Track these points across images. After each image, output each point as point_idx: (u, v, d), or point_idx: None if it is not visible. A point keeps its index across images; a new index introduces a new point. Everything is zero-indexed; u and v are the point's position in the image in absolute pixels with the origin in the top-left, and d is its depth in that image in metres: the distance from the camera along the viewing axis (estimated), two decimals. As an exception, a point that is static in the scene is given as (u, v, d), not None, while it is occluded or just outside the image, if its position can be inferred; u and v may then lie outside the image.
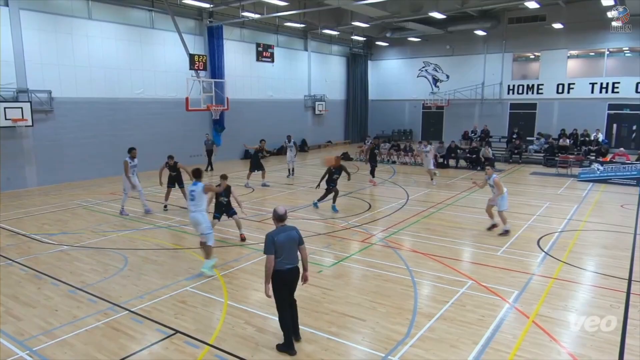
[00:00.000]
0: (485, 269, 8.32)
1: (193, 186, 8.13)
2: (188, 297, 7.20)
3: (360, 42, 33.05)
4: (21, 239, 10.37)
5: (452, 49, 30.80)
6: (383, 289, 7.42)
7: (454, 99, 30.81)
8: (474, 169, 20.74)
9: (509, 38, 28.37)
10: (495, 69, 29.20)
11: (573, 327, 6.19)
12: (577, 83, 26.71)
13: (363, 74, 33.84)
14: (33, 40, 16.22)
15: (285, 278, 5.48)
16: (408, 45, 32.40)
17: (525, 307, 6.74)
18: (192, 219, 8.27)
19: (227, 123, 23.14)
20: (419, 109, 32.74)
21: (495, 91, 29.32)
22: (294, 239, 5.59)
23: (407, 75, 33.15)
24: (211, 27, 22.08)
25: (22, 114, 15.48)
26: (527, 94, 28.43)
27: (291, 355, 5.53)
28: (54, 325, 6.28)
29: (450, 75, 31.19)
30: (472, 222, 11.71)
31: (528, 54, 29.17)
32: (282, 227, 5.60)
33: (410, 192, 15.31)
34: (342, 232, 10.83)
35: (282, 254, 5.42)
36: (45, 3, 16.49)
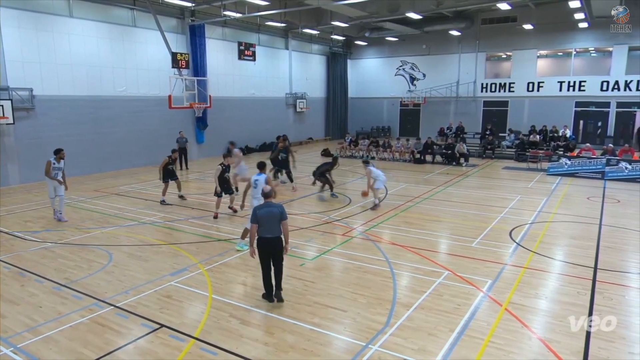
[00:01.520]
0: (460, 259, 8.44)
1: (258, 176, 8.95)
2: (173, 291, 7.12)
3: (339, 42, 33.03)
4: (4, 237, 10.10)
5: (428, 48, 30.98)
6: (363, 281, 7.46)
7: (430, 96, 31.04)
8: (449, 164, 20.98)
9: (482, 38, 28.71)
10: (469, 68, 29.50)
11: (543, 313, 6.34)
12: (546, 82, 27.21)
13: (343, 72, 33.83)
14: (13, 38, 15.74)
15: (266, 243, 6.49)
16: (386, 44, 32.49)
17: (498, 295, 6.86)
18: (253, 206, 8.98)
19: (210, 121, 22.92)
20: (396, 106, 32.88)
21: (469, 89, 29.65)
22: (275, 215, 6.49)
23: (385, 73, 33.24)
24: (193, 25, 21.77)
25: (2, 111, 15.03)
26: (500, 92, 28.83)
27: (270, 302, 6.66)
28: (38, 322, 6.14)
29: (427, 74, 31.39)
30: (448, 215, 11.86)
31: (500, 53, 29.57)
32: (267, 203, 6.62)
33: (389, 187, 15.41)
34: (324, 226, 10.85)
35: (262, 225, 6.44)
36: (25, 1, 15.99)
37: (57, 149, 11.36)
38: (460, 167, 20.23)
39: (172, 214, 12.08)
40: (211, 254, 8.89)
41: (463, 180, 17.19)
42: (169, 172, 13.17)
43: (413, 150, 22.05)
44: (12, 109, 15.32)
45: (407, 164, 21.56)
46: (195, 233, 10.34)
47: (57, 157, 11.14)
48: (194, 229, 10.71)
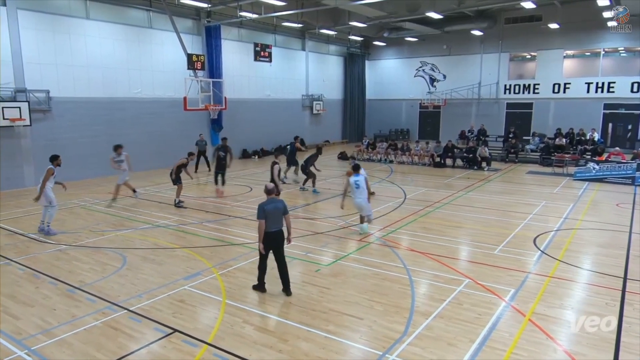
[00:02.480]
0: (482, 267, 8.33)
1: (357, 177, 9.88)
2: (186, 296, 7.19)
3: (357, 42, 33.04)
4: (19, 239, 10.34)
5: (449, 48, 30.79)
6: (380, 288, 7.42)
7: (450, 98, 30.81)
8: (470, 168, 20.77)
9: (505, 38, 28.40)
10: (491, 69, 29.21)
11: (569, 325, 6.21)
12: (572, 83, 26.76)
13: (360, 73, 33.81)
14: (31, 40, 16.16)
15: (271, 237, 7.01)
16: (405, 45, 32.38)
17: (521, 305, 6.75)
18: (357, 204, 10.05)
19: (225, 123, 23.11)
20: (416, 108, 32.72)
21: (491, 91, 29.34)
22: (279, 209, 7.10)
23: (404, 75, 33.12)
24: (209, 26, 22.04)
25: (20, 113, 15.42)
26: (524, 94, 28.44)
27: (262, 292, 7.22)
28: (52, 325, 6.26)
29: (447, 75, 31.18)
30: (469, 221, 11.73)
31: (524, 53, 29.22)
32: (270, 199, 7.13)
33: (408, 191, 15.32)
34: (340, 231, 10.83)
35: (269, 219, 6.95)
36: (43, 3, 16.42)
37: (55, 155, 10.64)
38: (482, 172, 20.02)
39: (186, 217, 12.22)
40: (225, 258, 8.94)
41: (485, 185, 17.00)
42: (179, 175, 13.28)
43: (433, 153, 21.89)
44: (29, 110, 15.71)
45: (426, 167, 21.41)
46: (209, 237, 10.43)
47: (55, 164, 10.49)
48: (208, 232, 10.80)
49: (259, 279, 7.32)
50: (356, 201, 10.09)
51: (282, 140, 27.08)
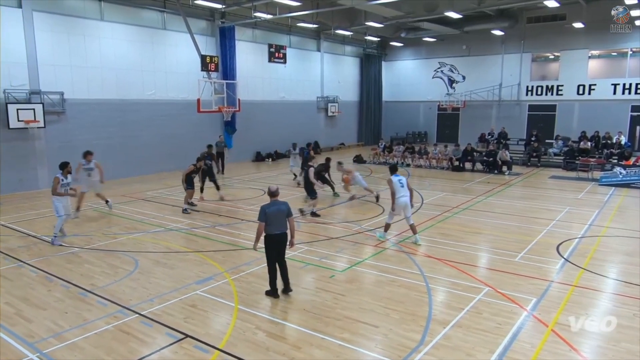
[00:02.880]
0: (502, 275, 8.23)
1: (398, 176, 10.07)
2: (198, 300, 7.24)
3: (374, 43, 33.02)
4: (32, 241, 10.54)
5: (468, 49, 30.60)
6: (397, 295, 7.38)
7: (470, 100, 30.59)
8: (490, 172, 20.55)
9: (527, 38, 28.10)
10: (513, 70, 28.93)
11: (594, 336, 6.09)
12: (598, 84, 26.34)
13: (377, 74, 33.77)
14: (46, 42, 16.51)
15: (275, 240, 7.15)
16: (423, 45, 32.26)
17: (544, 315, 6.64)
18: (404, 203, 10.00)
19: (239, 125, 23.29)
20: (434, 110, 32.56)
21: (513, 92, 29.04)
22: (282, 211, 7.20)
23: (422, 76, 32.98)
24: (223, 27, 22.26)
25: (34, 115, 15.76)
26: (547, 95, 28.10)
27: (275, 298, 7.25)
28: (64, 328, 6.36)
29: (467, 76, 30.98)
30: (489, 227, 11.60)
31: (547, 54, 28.88)
32: (274, 201, 7.27)
33: (425, 196, 15.22)
34: (355, 236, 10.81)
35: (272, 222, 7.07)
36: (58, 4, 16.78)
37: (65, 162, 10.40)
38: (503, 176, 19.81)
39: (199, 220, 12.32)
40: (237, 262, 8.99)
41: (505, 189, 16.81)
42: (190, 180, 13.31)
43: (451, 157, 21.74)
44: (43, 112, 16.04)
45: (444, 171, 21.26)
46: (222, 241, 10.50)
47: (64, 172, 10.23)
48: (221, 236, 10.87)
49: (271, 284, 7.35)
50: (403, 200, 9.99)
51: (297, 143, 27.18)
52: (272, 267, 7.31)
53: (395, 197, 10.01)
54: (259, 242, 7.28)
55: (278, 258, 7.31)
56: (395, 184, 10.03)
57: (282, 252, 7.34)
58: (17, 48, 15.76)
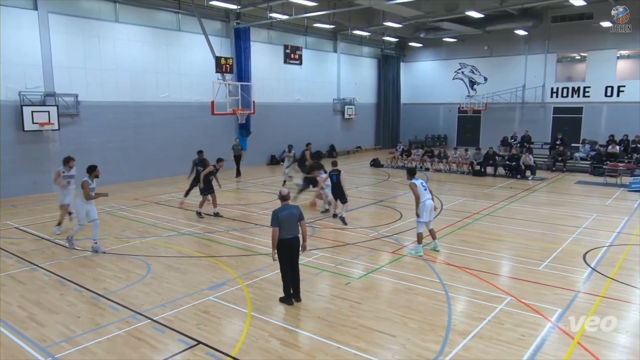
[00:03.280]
0: (525, 284, 8.11)
1: (418, 180, 9.94)
2: (211, 306, 7.28)
3: (392, 43, 32.96)
4: (45, 244, 10.74)
5: (490, 49, 30.37)
6: (414, 304, 7.33)
7: (492, 102, 30.31)
8: (513, 177, 20.31)
9: (552, 37, 27.76)
10: (537, 71, 28.61)
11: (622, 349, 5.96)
12: (627, 85, 25.86)
13: (395, 76, 33.68)
14: (61, 44, 16.85)
15: (287, 244, 7.17)
16: (443, 46, 32.10)
17: (569, 327, 6.53)
18: (430, 206, 9.87)
19: (253, 127, 23.41)
20: (454, 113, 32.35)
21: (537, 94, 28.70)
22: (294, 215, 7.27)
23: (442, 77, 32.81)
24: (238, 28, 22.45)
25: (48, 117, 16.08)
26: (572, 97, 27.71)
27: (289, 305, 7.25)
28: (76, 333, 6.45)
29: (489, 78, 30.74)
30: (511, 234, 11.46)
31: (573, 54, 28.47)
32: (285, 205, 7.33)
33: (445, 201, 15.10)
34: (372, 242, 10.77)
35: (284, 226, 7.11)
36: (73, 6, 17.13)
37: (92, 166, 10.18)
38: (526, 181, 19.57)
39: (212, 225, 12.41)
40: (251, 268, 9.03)
41: (529, 195, 16.60)
42: (208, 183, 13.17)
43: (472, 161, 21.55)
44: (58, 115, 16.36)
45: (465, 176, 21.08)
46: (236, 246, 10.56)
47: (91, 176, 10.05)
48: (234, 241, 10.93)
49: (285, 290, 7.36)
50: (429, 202, 9.82)
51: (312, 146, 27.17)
52: (286, 273, 7.31)
53: (421, 201, 9.76)
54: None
55: (291, 264, 7.32)
56: (419, 188, 9.84)
57: (295, 257, 7.36)
58: (33, 50, 16.11)
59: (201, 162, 14.34)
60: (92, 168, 10.10)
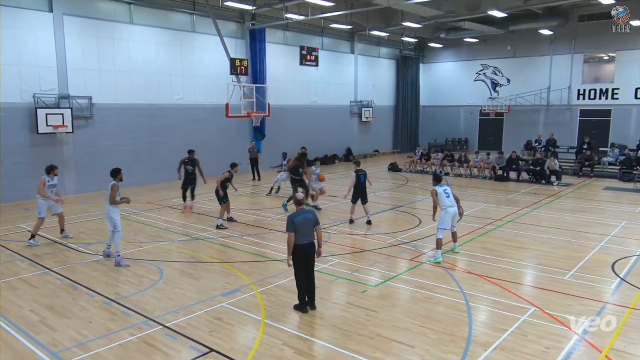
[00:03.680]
0: (550, 294, 7.99)
1: (443, 186, 10.03)
2: (224, 313, 7.32)
3: (411, 44, 32.88)
4: (58, 248, 10.92)
5: (513, 50, 30.12)
6: (434, 313, 7.27)
7: (515, 104, 30.02)
8: (537, 182, 20.05)
9: (579, 37, 27.41)
10: (563, 72, 28.27)
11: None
12: (659, 87, 25.42)
13: (414, 77, 33.58)
14: (75, 46, 17.17)
15: (303, 250, 7.20)
16: (464, 46, 31.93)
17: (597, 339, 6.40)
18: (453, 213, 9.94)
19: (268, 130, 23.51)
20: (475, 115, 32.15)
21: (562, 96, 28.35)
22: (310, 220, 7.30)
23: (463, 79, 32.63)
24: (253, 29, 22.64)
25: (62, 120, 16.38)
26: (600, 99, 27.32)
27: (303, 313, 7.24)
28: (88, 338, 6.54)
29: (512, 79, 30.47)
30: (535, 242, 11.31)
31: (601, 54, 28.02)
32: (300, 210, 7.37)
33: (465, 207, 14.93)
34: (389, 249, 10.72)
35: (300, 231, 7.13)
36: (88, 8, 17.47)
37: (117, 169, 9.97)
38: (551, 187, 19.32)
39: (226, 230, 12.47)
40: (265, 274, 9.05)
41: (554, 201, 16.36)
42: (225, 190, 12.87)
43: (494, 165, 21.34)
44: (72, 117, 16.66)
45: (487, 181, 20.89)
46: (249, 251, 10.60)
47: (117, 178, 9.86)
48: (248, 246, 10.98)
49: (300, 298, 7.36)
50: (452, 210, 9.92)
51: (328, 150, 27.27)
52: (301, 280, 7.31)
53: (443, 208, 9.91)
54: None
55: (307, 270, 7.32)
56: (440, 195, 9.93)
57: (311, 263, 7.37)
58: (48, 52, 16.45)
59: (191, 161, 14.35)
60: (117, 171, 9.90)
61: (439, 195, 9.91)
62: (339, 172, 23.87)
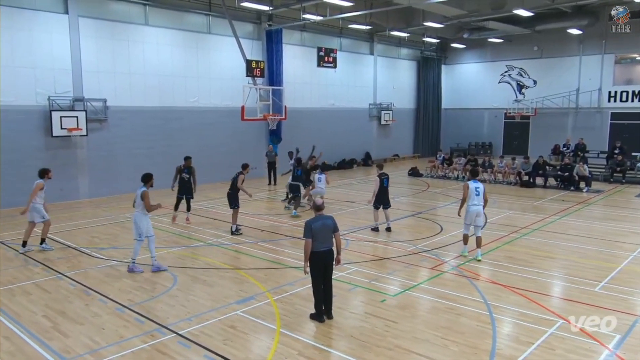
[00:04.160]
0: (579, 307, 7.84)
1: (476, 183, 10.36)
2: (238, 321, 7.34)
3: (432, 45, 32.75)
4: (71, 252, 11.10)
5: (540, 50, 29.83)
6: (456, 325, 7.19)
7: (542, 107, 29.69)
8: (566, 189, 19.75)
9: (609, 37, 26.94)
10: (592, 73, 27.91)
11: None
12: (695, 89, 24.89)
13: (435, 79, 33.46)
14: (90, 48, 17.50)
15: (321, 257, 7.14)
16: (488, 47, 31.73)
17: (629, 355, 6.27)
18: (477, 211, 10.25)
19: (285, 134, 23.59)
20: (500, 119, 31.88)
21: (592, 98, 27.96)
22: (329, 226, 7.24)
23: (487, 80, 32.43)
24: (270, 31, 22.80)
25: (77, 123, 16.68)
26: (633, 102, 26.91)
27: (320, 322, 7.21)
28: (100, 345, 6.62)
29: (538, 81, 30.18)
30: (563, 251, 11.14)
31: (634, 55, 27.55)
32: (319, 216, 7.32)
33: (490, 214, 14.79)
34: (409, 257, 10.65)
35: (318, 238, 7.07)
36: (103, 10, 17.81)
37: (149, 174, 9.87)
38: (580, 193, 19.01)
39: (241, 236, 12.54)
40: (281, 282, 9.06)
41: (583, 209, 16.10)
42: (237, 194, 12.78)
43: (520, 171, 21.11)
44: (86, 120, 16.96)
45: (512, 187, 20.67)
46: (265, 258, 10.63)
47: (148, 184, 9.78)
48: (263, 253, 11.02)
49: (316, 307, 7.35)
50: (474, 208, 10.22)
51: (346, 154, 27.25)
52: (318, 288, 7.28)
53: (467, 204, 10.25)
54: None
55: (324, 278, 7.29)
56: (470, 191, 10.23)
57: (328, 271, 7.33)
58: (63, 54, 16.79)
59: (187, 169, 14.11)
60: (148, 177, 9.77)
61: (469, 190, 10.22)
62: (357, 177, 23.86)
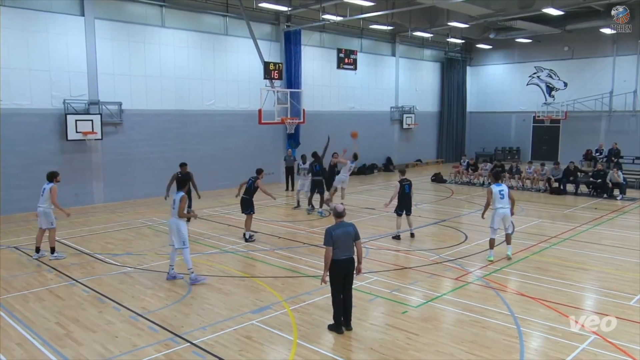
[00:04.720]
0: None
1: (500, 186, 10.77)
2: (254, 331, 7.36)
3: (457, 45, 32.57)
4: (85, 258, 11.27)
5: (571, 50, 29.50)
6: (481, 338, 7.10)
7: (573, 110, 29.33)
8: (598, 196, 19.42)
9: (646, 36, 26.57)
10: (627, 75, 27.48)
11: None
12: None
13: (460, 81, 33.28)
14: (106, 51, 17.82)
15: (341, 266, 7.11)
16: (516, 47, 31.49)
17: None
18: (504, 214, 10.66)
19: (303, 138, 23.64)
20: (528, 122, 31.59)
21: (627, 101, 27.53)
22: (350, 234, 7.19)
23: (514, 82, 32.18)
24: (288, 32, 22.94)
25: (92, 126, 16.97)
26: (670, 105, 26.37)
27: (339, 333, 7.19)
28: (113, 353, 6.69)
29: (569, 83, 29.82)
30: (596, 262, 10.93)
31: (672, 55, 27.09)
32: (340, 223, 7.27)
33: (517, 223, 14.61)
34: (432, 266, 10.57)
35: (338, 246, 7.03)
36: (119, 12, 18.14)
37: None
38: (614, 201, 18.68)
39: (257, 243, 12.60)
40: (298, 291, 9.07)
41: (617, 217, 15.80)
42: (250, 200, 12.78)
43: (549, 177, 20.83)
44: (101, 123, 17.25)
45: (541, 194, 20.40)
46: (281, 266, 10.65)
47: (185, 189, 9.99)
48: (280, 261, 11.04)
49: (335, 317, 7.32)
50: (502, 211, 10.64)
51: (366, 159, 27.19)
52: (338, 298, 7.25)
53: (494, 208, 10.64)
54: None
55: (344, 288, 7.26)
56: (495, 194, 10.63)
57: (349, 280, 7.30)
58: (78, 57, 17.12)
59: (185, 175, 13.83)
60: (185, 182, 10.61)
61: (493, 194, 10.63)
62: (378, 183, 23.79)
